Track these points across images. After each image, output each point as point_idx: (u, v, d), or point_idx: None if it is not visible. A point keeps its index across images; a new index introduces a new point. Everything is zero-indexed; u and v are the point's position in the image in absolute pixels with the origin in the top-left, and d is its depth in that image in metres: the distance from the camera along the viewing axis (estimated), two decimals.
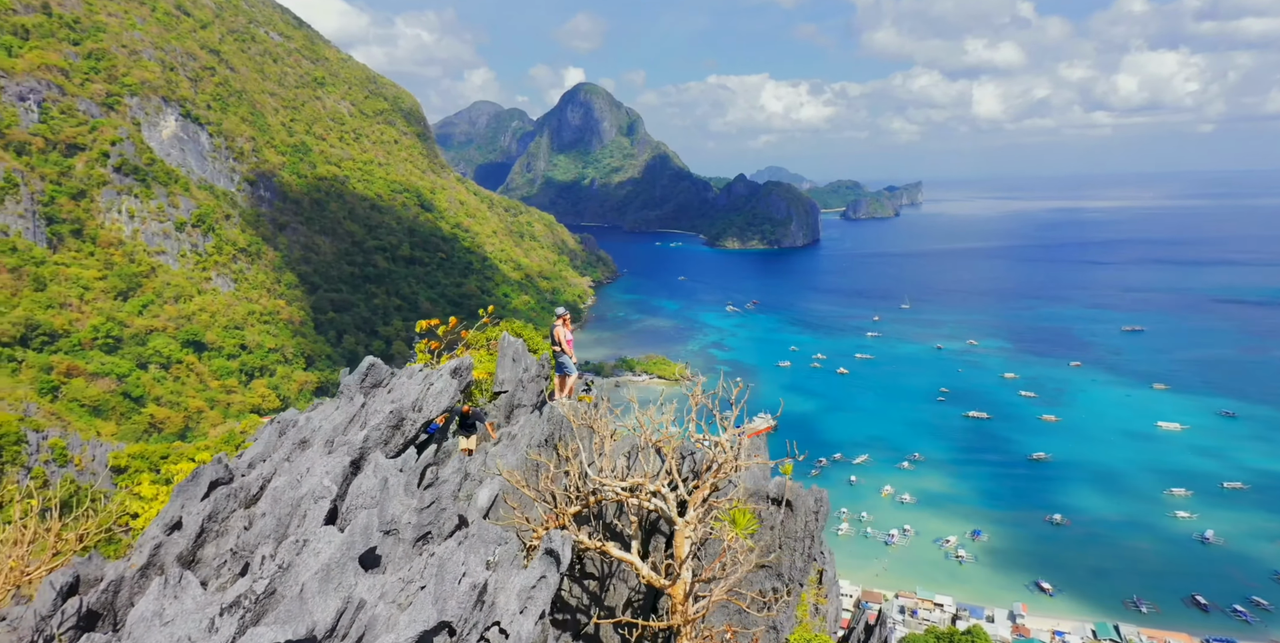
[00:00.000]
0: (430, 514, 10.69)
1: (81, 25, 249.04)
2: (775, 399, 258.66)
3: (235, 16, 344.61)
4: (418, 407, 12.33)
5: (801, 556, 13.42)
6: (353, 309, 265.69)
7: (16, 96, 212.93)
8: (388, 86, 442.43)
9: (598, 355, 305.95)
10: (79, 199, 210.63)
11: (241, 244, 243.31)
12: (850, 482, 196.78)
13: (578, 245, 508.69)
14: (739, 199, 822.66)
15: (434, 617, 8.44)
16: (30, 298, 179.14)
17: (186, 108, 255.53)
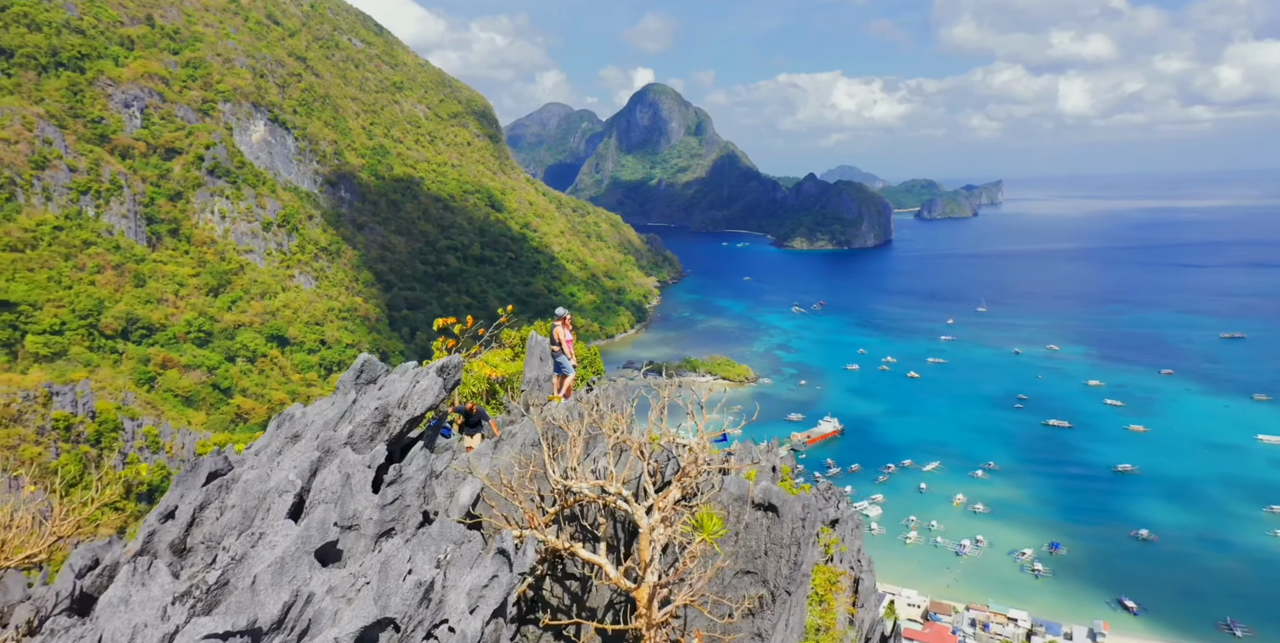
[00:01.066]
0: (393, 511, 10.78)
1: (181, 35, 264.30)
2: (842, 403, 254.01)
3: (321, 24, 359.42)
4: (403, 404, 12.51)
5: (788, 563, 13.16)
6: (425, 307, 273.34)
7: (122, 103, 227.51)
8: (462, 90, 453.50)
9: (661, 355, 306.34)
10: (176, 200, 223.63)
11: (323, 243, 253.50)
12: (920, 489, 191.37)
13: (643, 245, 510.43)
14: (808, 199, 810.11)
15: (374, 613, 8.63)
16: (131, 294, 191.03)
17: (274, 113, 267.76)
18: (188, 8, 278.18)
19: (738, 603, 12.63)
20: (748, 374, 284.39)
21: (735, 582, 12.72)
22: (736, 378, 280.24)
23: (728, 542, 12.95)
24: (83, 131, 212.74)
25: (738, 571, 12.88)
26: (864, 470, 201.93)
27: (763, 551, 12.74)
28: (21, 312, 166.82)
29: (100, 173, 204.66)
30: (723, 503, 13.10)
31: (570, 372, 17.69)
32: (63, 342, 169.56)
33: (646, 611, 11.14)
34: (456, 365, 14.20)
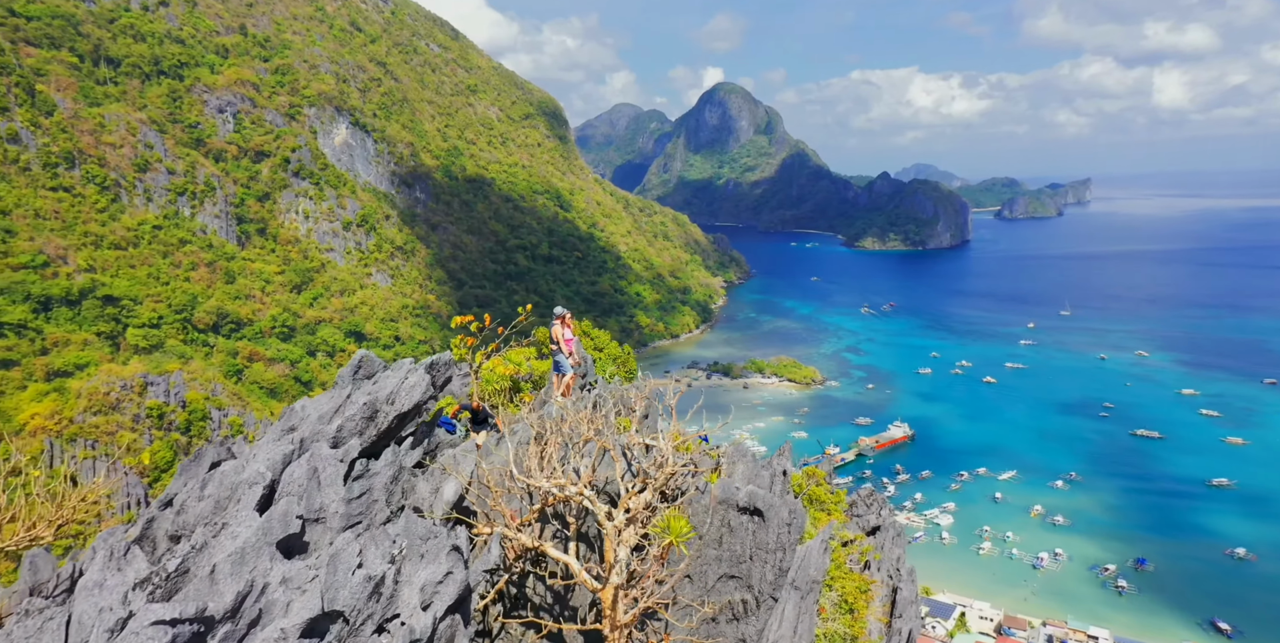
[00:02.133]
0: (360, 505, 10.84)
1: (271, 43, 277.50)
2: (912, 408, 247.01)
3: (400, 30, 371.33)
4: (391, 400, 12.65)
5: (773, 568, 12.74)
6: (494, 305, 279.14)
7: (217, 109, 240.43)
8: (533, 92, 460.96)
9: (725, 356, 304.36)
10: (264, 201, 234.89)
11: (398, 242, 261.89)
12: (994, 499, 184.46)
13: (710, 245, 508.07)
14: (881, 198, 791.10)
15: (319, 606, 8.79)
16: (222, 290, 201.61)
17: (356, 116, 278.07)
18: (278, 16, 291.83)
19: (712, 607, 12.39)
20: (814, 376, 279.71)
21: (720, 586, 12.45)
22: (802, 380, 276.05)
23: (711, 545, 12.67)
24: (180, 136, 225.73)
25: (722, 574, 12.62)
26: (935, 478, 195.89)
27: (748, 555, 12.45)
28: (124, 306, 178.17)
29: (195, 175, 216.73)
30: (706, 506, 12.81)
31: (568, 371, 17.53)
32: (160, 335, 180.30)
33: (610, 612, 11.05)
34: (446, 363, 14.28)
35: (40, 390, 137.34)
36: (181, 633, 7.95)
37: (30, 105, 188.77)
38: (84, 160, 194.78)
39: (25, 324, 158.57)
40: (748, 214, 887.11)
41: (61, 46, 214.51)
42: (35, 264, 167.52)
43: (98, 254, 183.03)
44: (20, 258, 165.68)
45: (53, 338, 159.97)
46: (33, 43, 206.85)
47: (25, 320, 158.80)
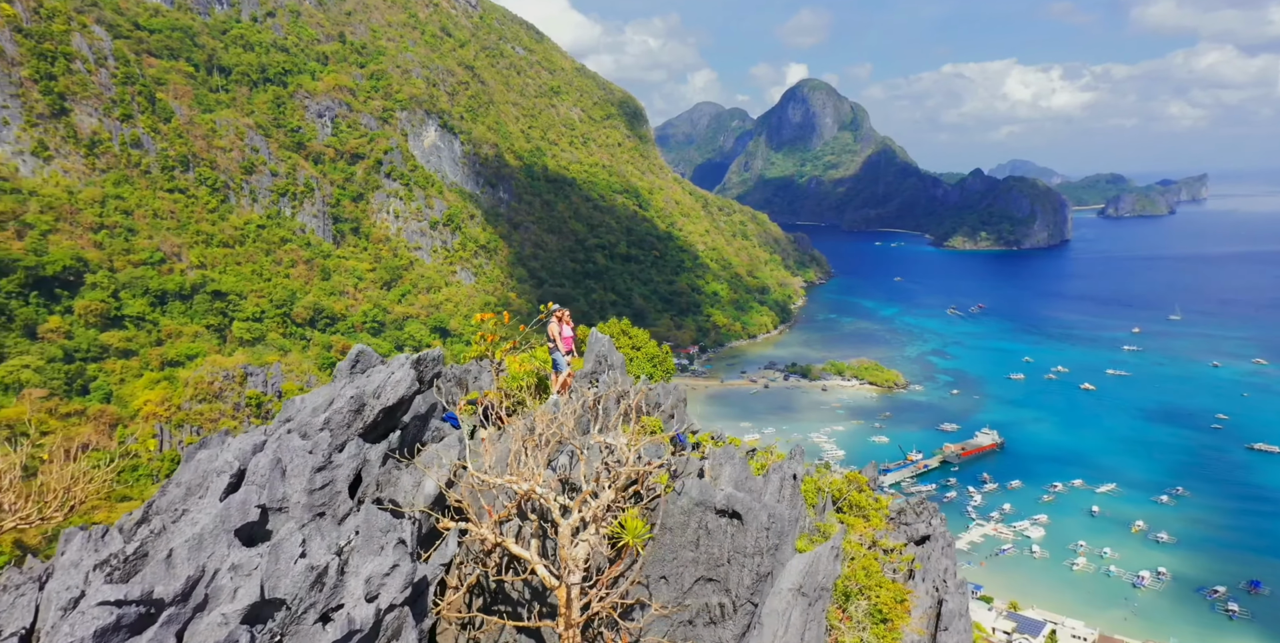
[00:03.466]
0: (323, 496, 10.96)
1: (367, 50, 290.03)
2: (1003, 414, 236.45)
3: (488, 34, 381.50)
4: (377, 393, 12.76)
5: (750, 573, 12.19)
6: (573, 303, 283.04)
7: (316, 114, 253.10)
8: (614, 92, 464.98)
9: (804, 357, 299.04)
10: (357, 201, 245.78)
11: (482, 241, 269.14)
12: (1091, 512, 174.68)
13: (790, 245, 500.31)
14: (973, 196, 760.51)
15: (256, 593, 8.90)
16: (319, 286, 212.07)
17: (444, 119, 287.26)
18: (374, 24, 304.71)
19: (675, 608, 12.06)
20: (896, 380, 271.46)
21: (697, 589, 12.21)
22: (884, 383, 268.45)
23: (688, 547, 12.41)
24: (283, 139, 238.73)
25: (699, 577, 12.38)
26: (1025, 488, 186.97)
27: (725, 558, 12.10)
28: (230, 300, 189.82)
29: (296, 177, 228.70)
30: (683, 507, 12.52)
31: (564, 368, 17.37)
32: (262, 328, 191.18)
33: (565, 610, 10.96)
34: (434, 358, 14.38)
35: (153, 379, 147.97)
36: (127, 614, 8.14)
37: (151, 112, 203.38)
38: (197, 163, 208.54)
39: (144, 317, 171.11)
40: (830, 213, 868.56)
41: (179, 57, 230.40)
42: (153, 261, 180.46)
43: (208, 252, 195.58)
44: (140, 255, 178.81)
45: (167, 330, 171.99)
46: (154, 54, 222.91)
47: (144, 313, 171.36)
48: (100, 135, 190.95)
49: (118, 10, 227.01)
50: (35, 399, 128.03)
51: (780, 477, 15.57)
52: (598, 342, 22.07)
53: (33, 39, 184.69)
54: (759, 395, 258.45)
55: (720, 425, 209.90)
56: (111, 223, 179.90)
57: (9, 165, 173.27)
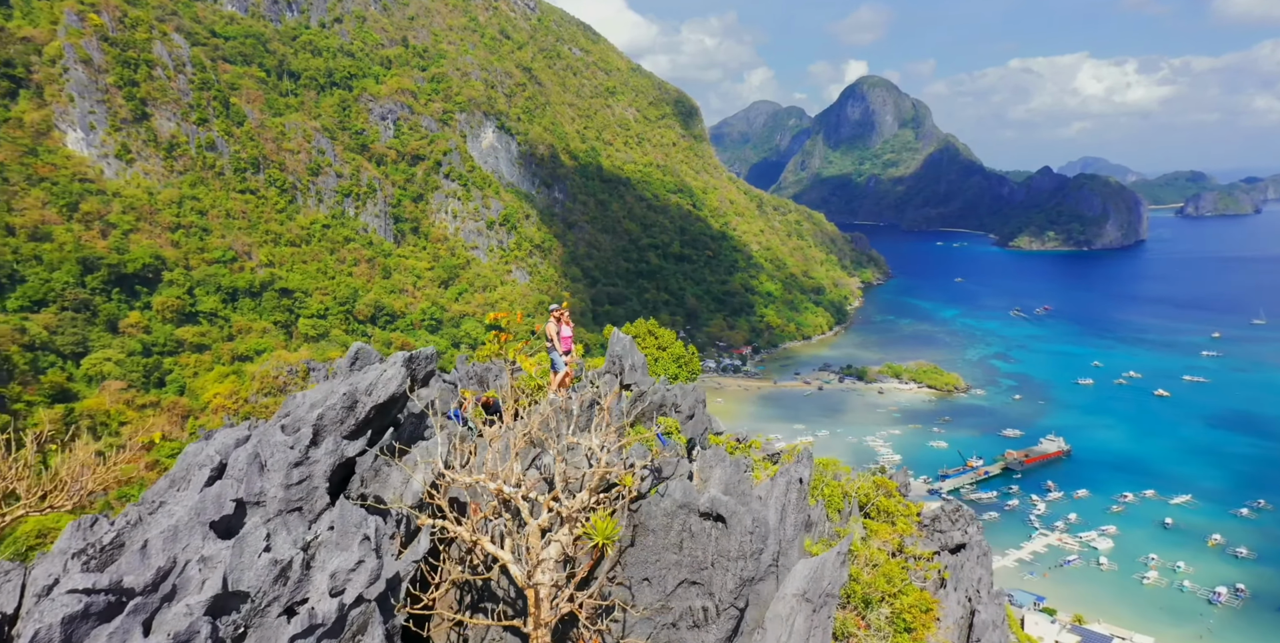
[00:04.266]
0: (300, 491, 11.01)
1: (429, 53, 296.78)
2: (1069, 420, 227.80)
3: (545, 36, 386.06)
4: (369, 391, 12.87)
5: (734, 577, 11.78)
6: (626, 302, 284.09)
7: (379, 116, 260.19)
8: (670, 92, 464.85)
9: (860, 359, 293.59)
10: (417, 202, 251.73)
11: (537, 241, 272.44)
12: (1164, 524, 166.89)
13: (847, 244, 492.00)
14: (1040, 194, 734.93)
15: (219, 586, 9.01)
16: (380, 284, 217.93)
17: (502, 121, 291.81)
18: (435, 28, 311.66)
19: (645, 611, 11.84)
20: (957, 383, 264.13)
21: (681, 592, 12.04)
22: (944, 387, 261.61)
23: (671, 549, 12.26)
24: (348, 142, 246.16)
25: (683, 580, 12.22)
26: (1093, 498, 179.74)
27: (709, 561, 11.91)
28: (297, 298, 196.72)
29: (359, 178, 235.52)
30: (666, 509, 12.36)
31: (560, 368, 17.23)
32: (325, 324, 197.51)
33: (534, 610, 10.87)
34: (427, 357, 14.43)
35: (222, 372, 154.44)
36: (96, 602, 8.28)
37: (225, 116, 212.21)
38: (267, 165, 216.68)
39: (216, 313, 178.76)
40: (890, 212, 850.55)
41: (252, 62, 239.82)
42: (225, 259, 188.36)
43: (276, 250, 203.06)
44: (214, 253, 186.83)
45: (238, 325, 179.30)
46: (229, 60, 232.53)
47: (216, 309, 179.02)
48: (178, 139, 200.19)
49: (196, 19, 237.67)
50: (115, 391, 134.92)
51: (787, 480, 15.26)
52: (617, 342, 22.01)
53: (118, 47, 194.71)
54: (812, 397, 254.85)
55: (772, 427, 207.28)
56: (187, 223, 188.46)
57: (95, 168, 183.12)
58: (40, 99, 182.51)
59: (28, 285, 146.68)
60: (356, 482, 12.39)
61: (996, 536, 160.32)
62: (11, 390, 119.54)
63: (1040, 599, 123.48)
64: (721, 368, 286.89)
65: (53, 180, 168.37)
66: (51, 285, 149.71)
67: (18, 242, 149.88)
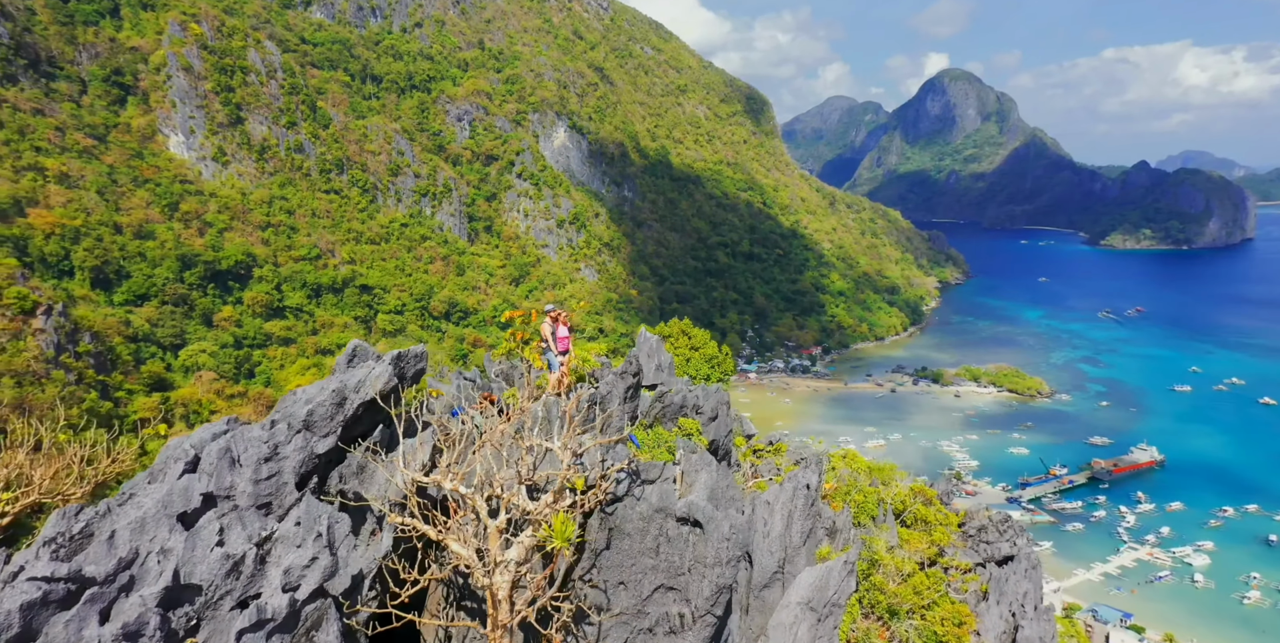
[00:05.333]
0: (270, 486, 11.06)
1: (504, 55, 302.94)
2: (1163, 429, 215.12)
3: (618, 35, 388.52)
4: (358, 388, 12.94)
5: (710, 584, 11.19)
6: (693, 301, 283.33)
7: (456, 118, 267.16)
8: (741, 89, 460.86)
9: (936, 361, 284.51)
10: (491, 201, 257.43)
11: (606, 239, 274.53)
12: (1268, 541, 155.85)
13: (924, 243, 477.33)
14: (1136, 190, 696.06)
15: (169, 578, 9.10)
16: (454, 282, 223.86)
17: (573, 120, 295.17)
18: (510, 30, 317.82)
19: (604, 615, 11.50)
20: (1039, 388, 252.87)
21: (658, 597, 11.79)
22: (1025, 391, 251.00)
23: (648, 554, 11.99)
24: (426, 143, 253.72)
25: (659, 585, 11.98)
26: (1188, 511, 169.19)
27: (686, 567, 11.64)
28: (375, 294, 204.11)
29: (436, 178, 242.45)
30: (642, 514, 12.10)
31: (555, 369, 16.96)
32: (402, 320, 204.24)
33: (493, 611, 10.76)
34: (415, 356, 14.39)
35: (303, 365, 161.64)
36: (55, 590, 8.47)
37: (312, 119, 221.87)
38: (350, 166, 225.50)
39: (302, 308, 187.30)
40: (970, 209, 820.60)
41: (338, 67, 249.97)
42: (311, 256, 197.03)
43: (357, 248, 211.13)
44: (300, 251, 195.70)
45: (321, 320, 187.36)
46: (316, 65, 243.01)
47: (302, 304, 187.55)
48: (269, 141, 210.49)
49: (287, 26, 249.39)
50: (207, 381, 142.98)
51: (794, 486, 14.80)
52: (644, 341, 21.74)
53: (215, 55, 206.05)
54: (884, 400, 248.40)
55: (841, 429, 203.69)
56: (276, 221, 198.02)
57: (194, 170, 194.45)
58: (146, 105, 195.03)
59: (132, 281, 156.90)
60: (335, 478, 12.49)
61: (1081, 548, 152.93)
62: (114, 379, 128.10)
63: (1127, 616, 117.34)
64: (790, 368, 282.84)
65: (156, 182, 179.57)
66: (153, 281, 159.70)
67: (124, 239, 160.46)
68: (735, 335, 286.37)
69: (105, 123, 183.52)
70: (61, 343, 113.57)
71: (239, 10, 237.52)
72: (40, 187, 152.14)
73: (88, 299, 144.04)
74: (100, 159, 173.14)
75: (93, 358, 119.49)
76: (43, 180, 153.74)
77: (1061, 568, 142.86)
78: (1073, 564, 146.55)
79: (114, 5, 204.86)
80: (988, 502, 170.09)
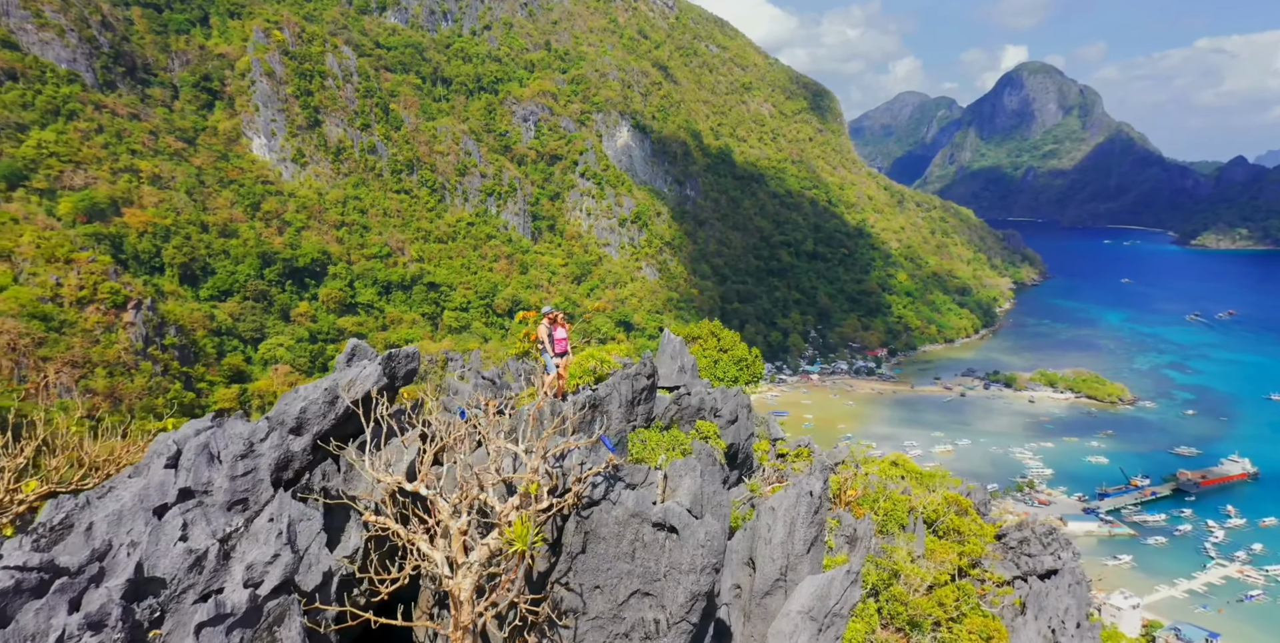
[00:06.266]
0: (246, 483, 11.20)
1: (570, 56, 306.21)
2: (1259, 440, 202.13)
3: (683, 34, 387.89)
4: (348, 388, 13.03)
5: (685, 590, 10.77)
6: (755, 300, 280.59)
7: (521, 118, 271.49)
8: (808, 86, 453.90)
9: (1009, 365, 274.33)
10: (554, 200, 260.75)
11: (667, 238, 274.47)
12: None
13: (998, 242, 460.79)
14: (1232, 187, 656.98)
15: (132, 571, 9.25)
16: (517, 280, 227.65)
17: (637, 120, 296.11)
18: (576, 31, 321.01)
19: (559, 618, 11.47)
20: (1121, 394, 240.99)
21: (634, 602, 11.64)
22: (1105, 397, 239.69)
23: (623, 559, 11.85)
24: (492, 143, 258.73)
25: (635, 590, 11.82)
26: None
27: (662, 573, 11.48)
28: (442, 291, 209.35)
29: (501, 178, 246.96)
30: (618, 518, 11.98)
31: (551, 370, 16.83)
32: (468, 317, 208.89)
33: (455, 612, 10.64)
34: (407, 356, 14.39)
35: None
36: (28, 579, 8.69)
37: (385, 121, 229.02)
38: (420, 167, 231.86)
39: (372, 304, 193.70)
40: (1049, 208, 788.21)
41: (410, 70, 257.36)
42: (381, 254, 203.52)
43: (425, 247, 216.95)
44: (371, 249, 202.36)
45: (391, 316, 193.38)
46: (390, 69, 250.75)
47: (372, 301, 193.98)
48: (344, 143, 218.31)
49: (363, 32, 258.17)
50: (282, 374, 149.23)
51: (797, 493, 14.39)
52: (668, 342, 21.52)
53: (296, 60, 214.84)
54: (953, 404, 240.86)
55: (906, 433, 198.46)
56: (350, 221, 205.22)
57: (274, 171, 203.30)
58: (232, 109, 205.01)
59: (217, 277, 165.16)
60: (319, 476, 12.70)
61: (1163, 563, 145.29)
62: (197, 371, 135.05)
63: (1214, 636, 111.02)
64: (854, 370, 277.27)
65: (240, 183, 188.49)
66: (236, 277, 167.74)
67: (210, 237, 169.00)
68: (798, 336, 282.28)
69: (194, 126, 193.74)
70: (149, 336, 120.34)
71: (318, 17, 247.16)
72: (135, 187, 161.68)
73: (176, 294, 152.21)
74: (189, 161, 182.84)
75: (177, 350, 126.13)
76: (137, 181, 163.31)
77: (1142, 583, 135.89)
78: (1155, 580, 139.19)
79: (204, 14, 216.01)
80: (1062, 512, 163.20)
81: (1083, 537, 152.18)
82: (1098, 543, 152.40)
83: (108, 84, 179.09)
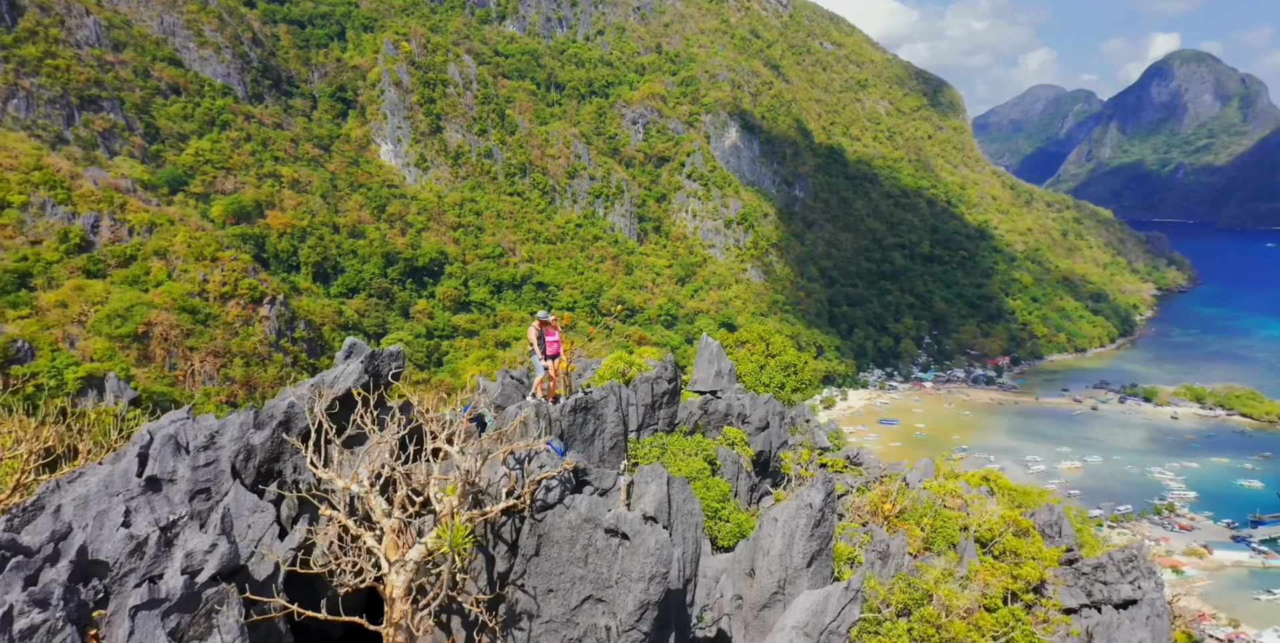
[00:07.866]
0: (207, 473, 11.53)
1: (680, 58, 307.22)
2: None
3: (796, 32, 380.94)
4: (332, 384, 13.30)
5: (635, 598, 10.41)
6: (865, 304, 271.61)
7: (631, 121, 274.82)
8: (929, 81, 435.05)
9: (1148, 377, 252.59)
10: (660, 202, 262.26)
11: (774, 240, 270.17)
12: None
13: (1140, 245, 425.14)
14: None
15: (74, 554, 9.73)
16: (622, 280, 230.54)
17: (746, 120, 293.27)
18: (688, 33, 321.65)
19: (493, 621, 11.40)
20: None
21: (586, 607, 11.49)
22: (1263, 416, 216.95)
23: (576, 563, 11.71)
24: (601, 146, 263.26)
25: (587, 596, 11.67)
26: None
27: (613, 580, 11.29)
28: (550, 290, 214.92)
29: (610, 180, 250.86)
30: (571, 522, 11.86)
31: (540, 372, 16.40)
32: (573, 317, 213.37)
33: (388, 609, 10.70)
34: (392, 355, 14.33)
35: (479, 356, 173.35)
36: None
37: (500, 127, 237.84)
38: (532, 170, 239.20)
39: (485, 302, 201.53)
40: (1202, 208, 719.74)
41: (525, 77, 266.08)
42: (494, 255, 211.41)
43: (535, 248, 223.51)
44: (485, 249, 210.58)
45: (501, 314, 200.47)
46: (507, 75, 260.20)
47: (485, 300, 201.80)
48: (463, 148, 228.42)
49: (484, 40, 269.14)
50: None
51: (797, 505, 13.66)
52: (706, 347, 21.13)
53: (421, 70, 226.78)
54: (1083, 418, 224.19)
55: (1028, 447, 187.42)
56: (466, 222, 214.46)
57: (399, 175, 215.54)
58: (363, 117, 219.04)
59: (346, 275, 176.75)
60: (289, 468, 13.07)
61: None
62: (322, 363, 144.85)
63: None
64: (971, 378, 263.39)
65: (368, 186, 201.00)
66: (363, 275, 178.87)
67: (340, 238, 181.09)
68: (910, 342, 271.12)
69: (330, 134, 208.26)
70: (282, 329, 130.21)
71: (443, 27, 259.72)
72: (277, 191, 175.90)
73: (310, 291, 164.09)
74: (325, 167, 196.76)
75: (305, 343, 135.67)
76: (279, 186, 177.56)
77: None
78: None
79: (341, 29, 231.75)
80: (1207, 539, 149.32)
81: (1231, 567, 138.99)
82: (1249, 574, 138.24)
83: (256, 96, 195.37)
